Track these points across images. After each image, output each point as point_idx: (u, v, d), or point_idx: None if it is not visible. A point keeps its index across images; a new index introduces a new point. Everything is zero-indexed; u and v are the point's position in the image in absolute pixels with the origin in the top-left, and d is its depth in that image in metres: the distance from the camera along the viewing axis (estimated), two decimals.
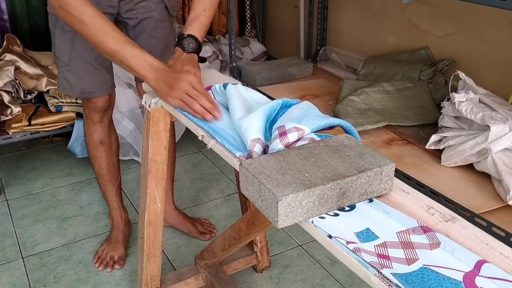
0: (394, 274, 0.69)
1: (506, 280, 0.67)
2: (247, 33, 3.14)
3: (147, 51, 1.24)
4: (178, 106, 1.20)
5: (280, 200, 0.78)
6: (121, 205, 1.95)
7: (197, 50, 1.38)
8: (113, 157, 1.86)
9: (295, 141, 0.96)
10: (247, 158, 0.98)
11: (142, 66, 1.22)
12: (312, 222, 0.81)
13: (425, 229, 0.78)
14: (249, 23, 3.13)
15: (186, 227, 2.00)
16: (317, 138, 0.96)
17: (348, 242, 0.76)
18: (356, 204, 0.86)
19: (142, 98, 1.33)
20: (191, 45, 1.36)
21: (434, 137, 1.59)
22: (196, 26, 1.40)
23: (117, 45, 1.22)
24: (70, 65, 1.63)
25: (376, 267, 0.70)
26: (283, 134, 0.96)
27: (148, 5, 1.62)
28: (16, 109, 2.26)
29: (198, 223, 2.02)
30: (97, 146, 1.80)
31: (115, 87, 1.75)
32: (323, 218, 0.82)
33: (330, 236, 0.78)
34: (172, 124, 1.36)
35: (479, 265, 0.70)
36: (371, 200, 0.87)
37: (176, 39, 1.39)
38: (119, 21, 1.64)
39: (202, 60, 1.41)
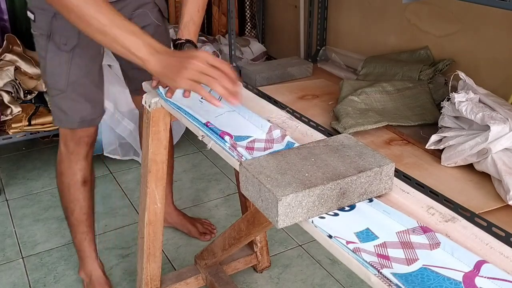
0: (394, 274, 0.69)
1: (506, 281, 0.67)
2: (247, 33, 3.13)
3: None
4: (189, 88, 1.04)
5: (280, 200, 0.78)
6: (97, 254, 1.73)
7: None
8: (93, 197, 1.64)
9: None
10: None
11: (142, 46, 1.05)
12: (312, 222, 0.81)
13: (424, 229, 0.78)
14: (249, 23, 3.13)
15: (186, 227, 2.00)
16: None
17: (348, 242, 0.76)
18: (356, 204, 0.86)
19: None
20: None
21: (434, 137, 1.59)
22: (192, 29, 1.35)
23: (111, 21, 1.03)
24: (66, 92, 1.45)
25: (376, 267, 0.70)
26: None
27: (144, 11, 1.55)
28: (16, 109, 2.26)
29: (198, 223, 2.01)
30: (80, 187, 1.56)
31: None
32: (323, 218, 0.82)
33: (330, 236, 0.78)
34: (170, 125, 1.35)
35: (478, 265, 0.70)
36: (371, 200, 0.87)
37: (172, 44, 1.34)
38: None
39: None
